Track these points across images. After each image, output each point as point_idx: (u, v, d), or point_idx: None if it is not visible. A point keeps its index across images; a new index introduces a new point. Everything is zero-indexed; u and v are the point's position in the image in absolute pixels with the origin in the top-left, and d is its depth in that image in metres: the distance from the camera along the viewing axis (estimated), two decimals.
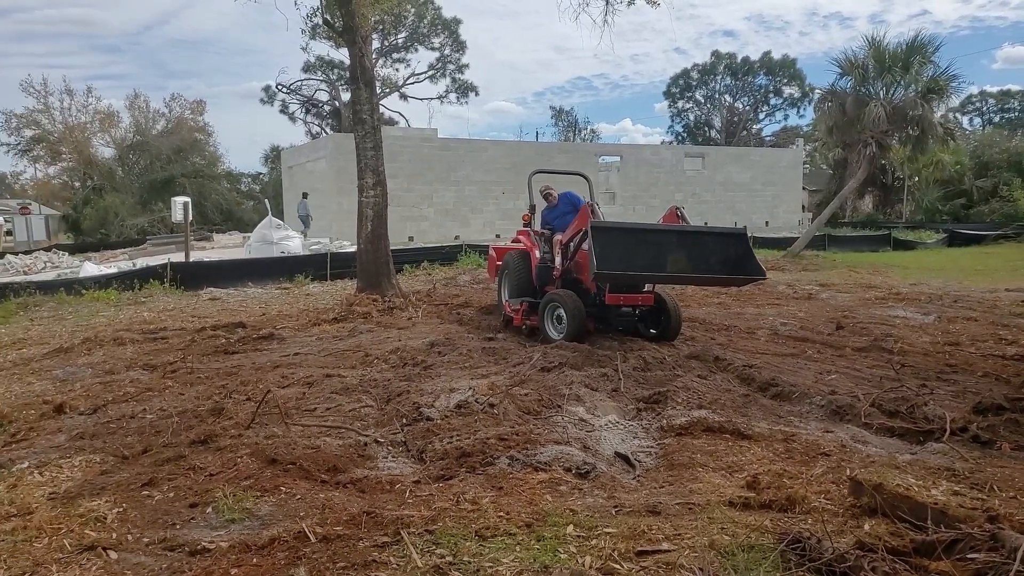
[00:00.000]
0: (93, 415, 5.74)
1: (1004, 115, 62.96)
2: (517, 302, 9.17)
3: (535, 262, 9.25)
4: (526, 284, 9.30)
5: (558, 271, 8.81)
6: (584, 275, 8.32)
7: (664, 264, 7.38)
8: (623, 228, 7.89)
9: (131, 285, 14.47)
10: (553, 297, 8.31)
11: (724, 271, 7.59)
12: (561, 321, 8.06)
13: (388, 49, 46.70)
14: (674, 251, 7.49)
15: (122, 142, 44.77)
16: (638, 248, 7.43)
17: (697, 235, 7.94)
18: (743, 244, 7.66)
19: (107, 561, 3.22)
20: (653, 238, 7.70)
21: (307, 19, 15.51)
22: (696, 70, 60.96)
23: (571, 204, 9.75)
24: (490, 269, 11.42)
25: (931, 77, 28.34)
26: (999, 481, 4.02)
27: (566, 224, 9.16)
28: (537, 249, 9.37)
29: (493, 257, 11.20)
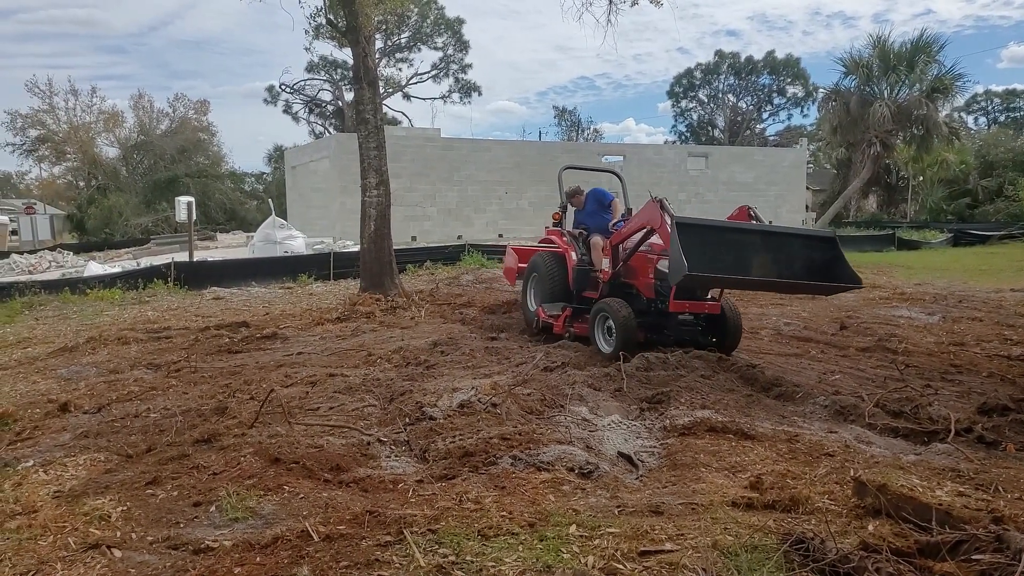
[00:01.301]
0: (97, 414, 5.76)
1: (1010, 114, 62.73)
2: (557, 307, 8.56)
3: (571, 264, 8.61)
4: (561, 288, 8.70)
5: (606, 274, 8.08)
6: (639, 279, 7.82)
7: (748, 268, 6.69)
8: (708, 226, 6.97)
9: (135, 284, 14.49)
10: (603, 306, 7.61)
11: (812, 277, 6.81)
12: (612, 332, 7.38)
13: (391, 49, 46.75)
14: (759, 254, 6.81)
15: (126, 142, 44.87)
16: (722, 249, 6.65)
17: (784, 237, 7.29)
18: (833, 249, 6.97)
19: (111, 559, 3.23)
20: (738, 239, 6.89)
21: (311, 19, 15.58)
22: (699, 69, 60.89)
23: (597, 201, 9.18)
24: (508, 272, 10.74)
25: (936, 76, 28.34)
26: (1004, 482, 4.00)
27: (599, 223, 8.73)
28: (573, 251, 8.71)
29: (514, 259, 10.47)
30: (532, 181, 31.01)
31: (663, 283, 7.37)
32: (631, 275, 7.94)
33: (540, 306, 8.77)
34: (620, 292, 7.93)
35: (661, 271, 7.40)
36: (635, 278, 7.91)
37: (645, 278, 7.75)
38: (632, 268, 7.87)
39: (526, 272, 9.54)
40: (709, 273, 6.44)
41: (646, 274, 7.74)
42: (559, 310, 8.50)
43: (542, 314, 8.66)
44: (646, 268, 7.73)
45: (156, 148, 43.47)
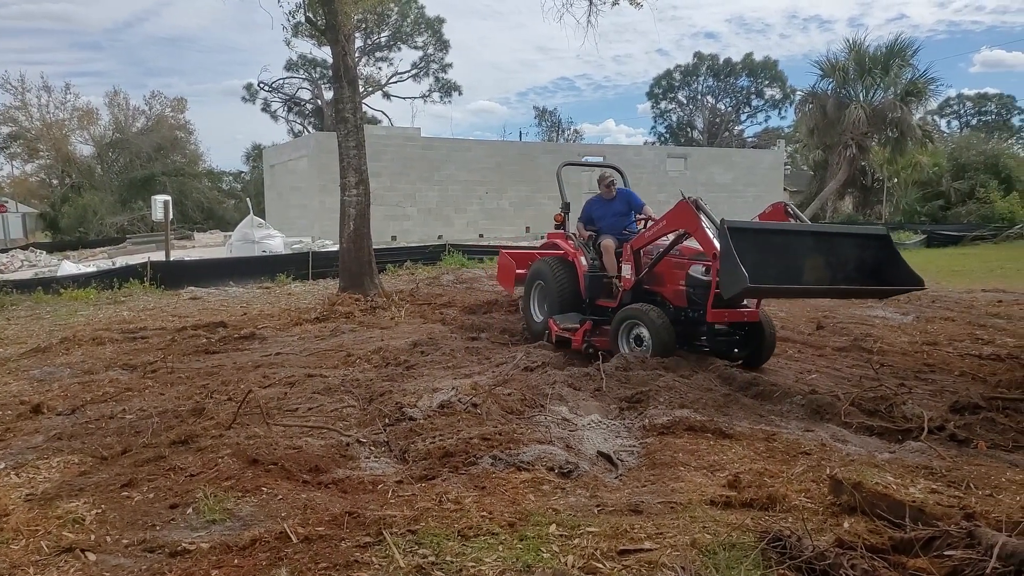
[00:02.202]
0: (71, 415, 5.68)
1: (981, 118, 63.81)
2: (573, 319, 7.83)
3: (582, 271, 7.98)
4: (571, 297, 8.05)
5: (627, 282, 7.39)
6: (666, 286, 7.18)
7: (800, 273, 6.14)
8: (758, 229, 6.34)
9: (110, 284, 14.33)
10: (631, 313, 6.94)
11: (865, 279, 6.32)
12: (641, 342, 6.82)
13: (371, 48, 46.54)
14: (811, 257, 6.25)
15: (101, 140, 44.28)
16: (774, 254, 6.05)
17: (836, 237, 6.76)
18: (886, 247, 6.48)
19: (85, 563, 3.18)
20: (789, 241, 6.36)
21: (290, 16, 15.48)
22: (678, 71, 61.24)
23: (627, 203, 8.40)
24: (504, 278, 10.03)
25: (910, 80, 28.77)
26: (976, 479, 4.07)
27: (615, 226, 8.15)
28: (583, 255, 8.07)
29: (510, 264, 9.76)
30: (513, 181, 31.05)
31: (696, 290, 6.82)
32: (657, 282, 7.29)
33: (550, 318, 8.00)
34: (643, 300, 7.27)
35: (695, 277, 6.87)
36: (661, 285, 7.26)
37: (674, 285, 7.11)
38: (658, 274, 7.22)
39: (528, 279, 8.90)
40: (769, 284, 5.84)
41: (675, 281, 7.11)
42: (576, 323, 7.75)
43: (555, 327, 7.84)
44: (676, 274, 7.11)
45: (132, 146, 42.92)
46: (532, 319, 8.72)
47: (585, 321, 7.62)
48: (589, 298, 7.90)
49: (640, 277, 7.31)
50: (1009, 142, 51.68)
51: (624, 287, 7.45)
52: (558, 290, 8.13)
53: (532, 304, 8.76)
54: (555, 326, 7.84)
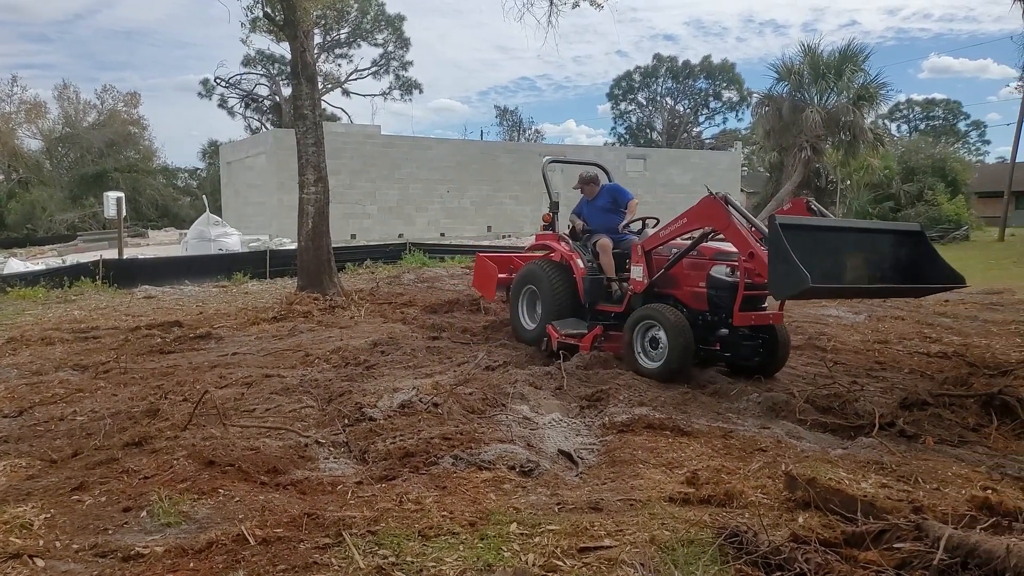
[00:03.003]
0: (18, 417, 5.52)
1: (929, 122, 65.59)
2: (578, 325, 7.40)
3: (579, 274, 7.51)
4: (568, 302, 7.58)
5: (639, 285, 6.87)
6: (682, 288, 6.73)
7: (843, 272, 5.84)
8: (807, 226, 5.87)
9: (60, 283, 13.96)
10: (647, 313, 6.51)
11: (901, 277, 6.05)
12: (657, 345, 6.39)
13: (330, 44, 46.00)
14: (852, 255, 5.95)
15: (50, 134, 43.10)
16: (820, 253, 5.65)
17: (875, 234, 6.43)
18: (921, 244, 6.22)
19: (34, 569, 3.10)
20: (832, 239, 5.98)
21: (247, 11, 15.23)
22: (638, 72, 61.84)
23: (613, 199, 8.00)
24: (483, 284, 9.31)
25: (862, 84, 29.42)
26: (923, 473, 4.19)
27: (607, 223, 7.77)
28: (579, 257, 7.61)
29: (490, 269, 9.05)
30: (474, 180, 31.02)
31: (719, 292, 6.43)
32: (671, 284, 6.81)
33: (550, 325, 7.45)
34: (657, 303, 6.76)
35: (718, 279, 6.46)
36: (676, 287, 6.78)
37: (692, 287, 6.65)
38: (672, 275, 6.75)
39: (516, 284, 8.32)
40: (830, 283, 5.57)
41: (694, 282, 6.64)
42: (584, 328, 7.30)
43: (555, 334, 7.31)
44: (694, 275, 6.65)
45: (83, 141, 41.84)
46: (522, 327, 8.12)
47: (595, 326, 7.17)
48: (589, 302, 7.44)
49: (655, 280, 6.79)
50: (956, 146, 53.29)
51: (635, 290, 6.93)
52: (553, 295, 7.63)
53: (521, 311, 8.19)
54: (556, 332, 7.32)
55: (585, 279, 7.44)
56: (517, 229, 31.16)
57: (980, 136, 67.14)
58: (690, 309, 6.61)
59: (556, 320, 7.49)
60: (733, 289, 6.26)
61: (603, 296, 7.43)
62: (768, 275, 5.54)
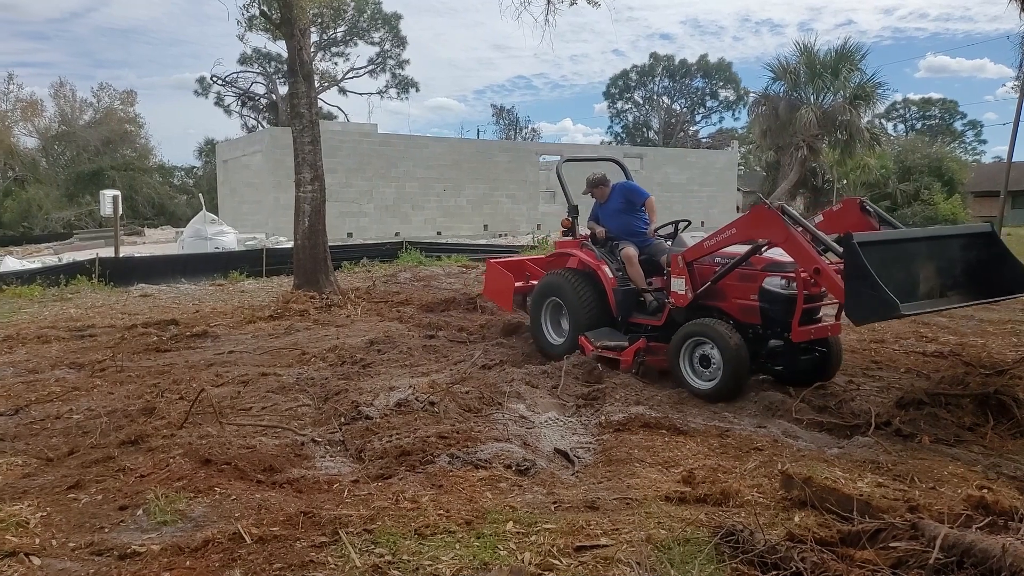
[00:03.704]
0: (15, 416, 5.51)
1: (926, 122, 65.60)
2: (616, 336, 6.87)
3: (609, 284, 7.02)
4: (599, 314, 7.05)
5: (682, 298, 6.36)
6: (729, 301, 6.24)
7: (917, 285, 5.41)
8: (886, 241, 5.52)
9: (56, 281, 13.91)
10: (697, 329, 6.04)
11: (976, 284, 5.63)
12: (709, 363, 5.94)
13: (327, 43, 45.93)
14: (925, 265, 5.50)
15: (46, 132, 42.96)
16: (895, 267, 5.25)
17: (946, 240, 5.96)
18: (994, 246, 5.83)
19: (30, 567, 3.09)
20: (905, 249, 5.58)
21: (244, 10, 15.21)
22: (635, 71, 61.82)
23: (626, 199, 7.51)
24: (497, 294, 8.68)
25: (858, 84, 29.44)
26: (919, 473, 4.21)
27: (626, 228, 7.37)
28: (607, 266, 7.13)
29: (506, 278, 8.41)
30: (471, 179, 31.00)
31: (773, 306, 5.99)
32: (717, 296, 6.31)
33: (583, 336, 6.92)
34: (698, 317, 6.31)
35: (772, 291, 5.99)
36: (723, 299, 6.29)
37: (742, 299, 6.18)
38: (719, 288, 6.24)
39: (537, 294, 7.73)
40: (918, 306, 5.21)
41: (744, 294, 6.17)
42: (622, 340, 6.77)
43: (590, 346, 6.79)
44: (744, 287, 6.17)
45: (79, 139, 41.73)
46: (547, 341, 7.53)
47: (637, 338, 6.65)
48: (621, 315, 6.97)
49: (700, 292, 6.30)
50: (952, 146, 53.42)
51: (677, 304, 6.44)
52: (582, 307, 7.09)
53: (544, 325, 7.61)
54: (590, 345, 6.80)
55: (616, 291, 6.97)
56: (513, 228, 31.15)
57: (976, 136, 67.23)
58: (738, 322, 6.16)
59: (592, 332, 6.97)
60: (789, 302, 5.88)
61: (637, 308, 6.98)
62: (846, 298, 5.12)
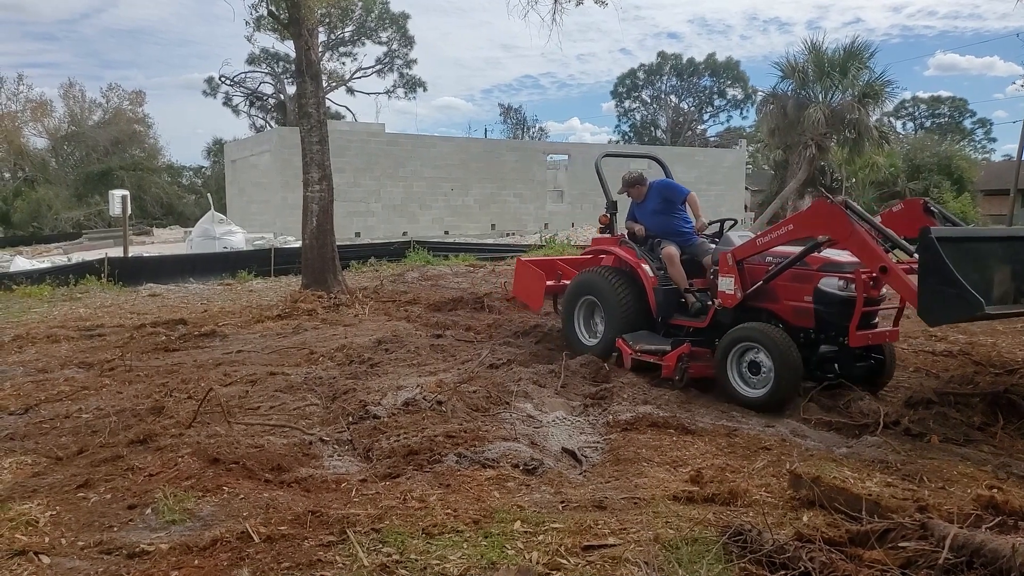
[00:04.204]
0: (24, 415, 5.54)
1: (935, 120, 65.23)
2: (656, 340, 6.55)
3: (649, 283, 6.78)
4: (637, 315, 6.80)
5: (730, 298, 6.07)
6: (781, 303, 5.94)
7: (991, 287, 5.09)
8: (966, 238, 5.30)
9: (66, 280, 13.98)
10: (746, 334, 5.74)
11: None
12: (759, 370, 5.65)
13: (335, 43, 46.02)
14: (1000, 267, 5.21)
15: (56, 132, 43.27)
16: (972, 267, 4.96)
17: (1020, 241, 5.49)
18: None
19: (39, 566, 3.11)
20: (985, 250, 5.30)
21: (252, 10, 15.24)
22: (642, 70, 61.68)
23: (665, 198, 7.24)
24: (526, 292, 8.40)
25: (867, 82, 29.30)
26: (929, 472, 4.19)
27: (666, 226, 7.11)
28: (647, 264, 6.88)
29: (537, 276, 8.16)
30: (478, 178, 31.03)
31: (828, 308, 5.68)
32: (767, 297, 6.00)
33: (621, 339, 6.64)
34: (745, 319, 6.03)
35: (828, 293, 5.68)
36: (774, 301, 5.99)
37: (795, 301, 5.87)
38: (770, 289, 5.94)
39: (571, 292, 7.51)
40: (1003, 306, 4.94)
41: (797, 296, 5.86)
42: (664, 344, 6.44)
43: (627, 350, 6.50)
44: (797, 288, 5.86)
45: (88, 139, 42.03)
46: (580, 342, 7.33)
47: (680, 342, 6.29)
48: (662, 316, 6.73)
49: (749, 293, 6.00)
50: (961, 144, 53.05)
51: (724, 304, 6.15)
52: (620, 307, 6.84)
53: (577, 324, 7.43)
54: (628, 348, 6.51)
55: (657, 290, 6.72)
56: (521, 227, 31.17)
57: (986, 134, 66.75)
58: (789, 325, 5.87)
59: (627, 333, 6.70)
60: (846, 305, 5.57)
61: (678, 309, 6.75)
62: (920, 297, 4.79)
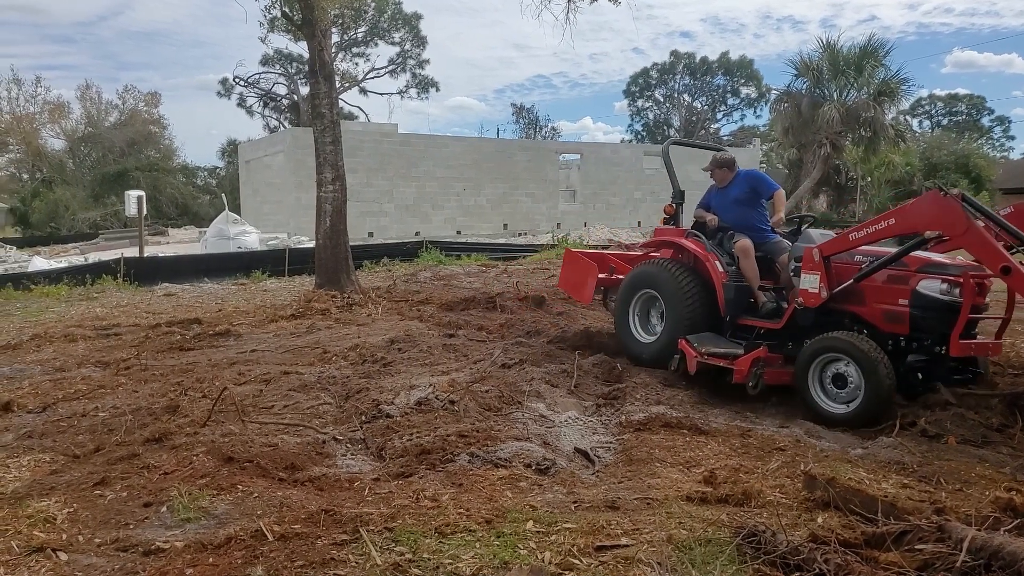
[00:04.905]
0: (42, 413, 5.59)
1: (952, 118, 64.67)
2: (725, 343, 6.09)
3: (719, 279, 6.30)
4: (703, 313, 6.34)
5: (814, 298, 5.59)
6: (871, 305, 5.50)
7: None
8: None
9: (82, 280, 14.11)
10: (832, 344, 5.28)
11: None
12: (846, 383, 5.22)
13: (348, 43, 46.19)
14: None
15: (73, 134, 43.61)
16: None
17: None
18: None
19: (57, 562, 3.14)
20: None
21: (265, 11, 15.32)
22: (655, 69, 61.50)
23: (752, 188, 6.71)
24: (574, 284, 7.93)
25: (882, 80, 29.11)
26: (946, 474, 4.15)
27: (742, 219, 6.63)
28: (717, 259, 6.41)
29: (588, 267, 7.69)
30: (490, 178, 31.04)
31: (926, 313, 5.25)
32: (854, 299, 5.56)
33: (684, 340, 6.12)
34: (826, 322, 5.66)
35: (927, 296, 5.27)
36: (861, 303, 5.55)
37: (887, 304, 5.41)
38: (858, 290, 5.51)
39: (628, 285, 7.05)
40: None
41: (890, 298, 5.41)
42: (735, 347, 5.95)
43: (693, 352, 5.96)
44: (891, 289, 5.43)
45: (104, 140, 42.34)
46: (635, 340, 6.88)
47: (757, 346, 5.80)
48: (730, 314, 6.26)
49: (835, 292, 5.54)
50: (979, 142, 52.60)
51: (806, 304, 5.66)
52: (684, 304, 6.37)
53: (632, 320, 6.95)
54: (693, 350, 5.97)
55: (727, 286, 6.24)
56: (533, 227, 31.15)
57: (1004, 131, 66.08)
58: (877, 331, 5.44)
59: (692, 334, 6.19)
60: (948, 311, 5.15)
61: (748, 309, 6.28)
62: None
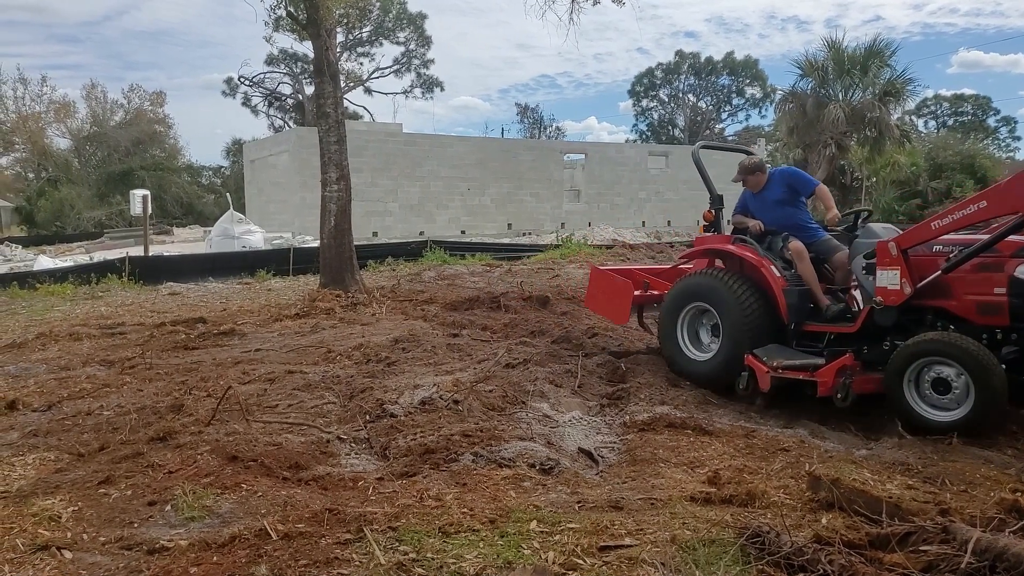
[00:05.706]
0: (47, 412, 5.61)
1: (958, 118, 64.44)
2: (799, 356, 5.61)
3: (778, 285, 5.86)
4: (764, 323, 5.86)
5: (897, 296, 5.18)
6: (958, 298, 5.07)
7: None
8: None
9: (88, 279, 14.15)
10: (929, 346, 4.86)
11: None
12: (949, 389, 4.80)
13: (353, 43, 46.25)
14: None
15: (78, 133, 43.77)
16: None
17: None
18: None
19: (61, 561, 3.15)
20: None
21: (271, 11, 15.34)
22: (660, 69, 61.44)
23: (790, 187, 6.44)
24: (608, 304, 7.25)
25: (888, 80, 29.02)
26: (950, 475, 4.13)
27: (784, 219, 6.34)
28: (773, 265, 6.00)
29: (623, 287, 6.98)
30: (495, 178, 31.02)
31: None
32: (939, 293, 5.14)
33: (751, 355, 5.65)
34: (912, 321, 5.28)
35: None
36: (949, 297, 5.12)
37: (982, 295, 4.98)
38: (943, 283, 5.09)
39: (672, 303, 6.53)
40: None
41: (984, 289, 4.97)
42: (816, 358, 5.53)
43: (763, 367, 5.51)
44: (984, 278, 4.98)
45: (110, 140, 42.47)
46: (687, 358, 6.34)
47: (844, 353, 5.34)
48: (794, 322, 5.83)
49: (920, 287, 5.12)
50: (985, 142, 52.38)
51: (887, 303, 5.23)
52: (743, 315, 5.88)
53: (681, 337, 6.43)
54: (762, 365, 5.52)
55: (789, 291, 5.81)
56: (538, 227, 31.14)
57: (1010, 132, 65.81)
58: (969, 324, 5.02)
59: (752, 347, 5.75)
60: None
61: (811, 314, 5.90)
62: None
